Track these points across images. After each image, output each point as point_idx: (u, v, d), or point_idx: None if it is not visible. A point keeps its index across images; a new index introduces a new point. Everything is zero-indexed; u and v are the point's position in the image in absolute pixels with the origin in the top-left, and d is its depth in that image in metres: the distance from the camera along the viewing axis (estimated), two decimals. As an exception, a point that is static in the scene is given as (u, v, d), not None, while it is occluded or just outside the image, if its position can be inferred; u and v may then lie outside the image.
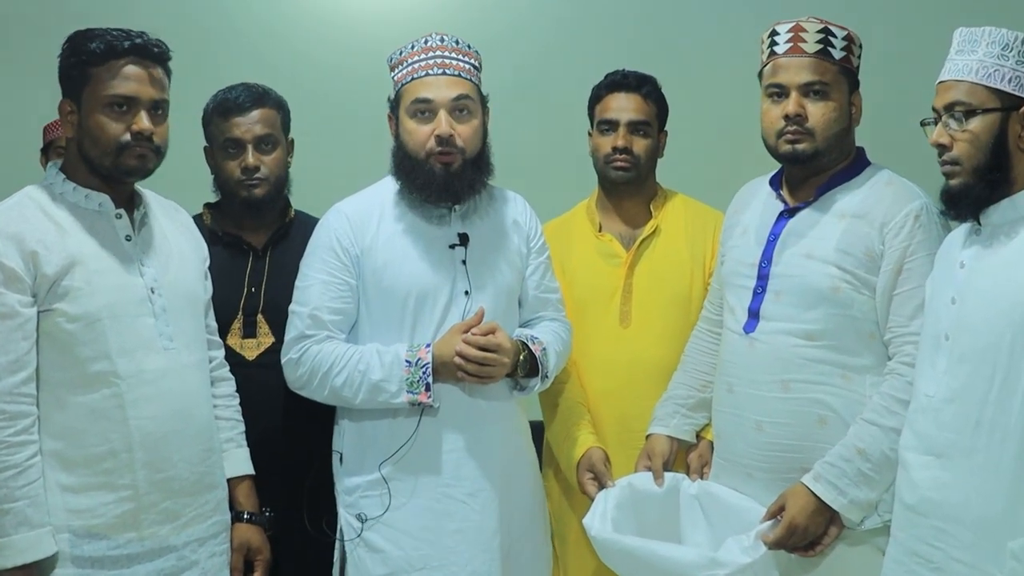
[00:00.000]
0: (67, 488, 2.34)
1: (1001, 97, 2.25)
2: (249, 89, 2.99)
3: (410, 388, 2.66)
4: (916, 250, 2.55)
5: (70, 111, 2.41)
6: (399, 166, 2.79)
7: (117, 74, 2.37)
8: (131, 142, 2.38)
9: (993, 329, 2.21)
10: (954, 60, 2.32)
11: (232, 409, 2.74)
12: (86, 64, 2.37)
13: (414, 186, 2.75)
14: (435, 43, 2.76)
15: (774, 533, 2.52)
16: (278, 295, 2.88)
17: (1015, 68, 2.25)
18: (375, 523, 2.72)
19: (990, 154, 2.26)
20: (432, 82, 2.72)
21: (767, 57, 2.72)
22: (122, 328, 2.38)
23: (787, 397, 2.63)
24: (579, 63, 4.17)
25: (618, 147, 3.09)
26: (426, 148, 2.71)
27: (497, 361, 2.66)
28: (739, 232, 2.85)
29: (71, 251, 2.34)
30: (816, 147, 2.65)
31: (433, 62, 2.74)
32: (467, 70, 2.77)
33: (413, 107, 2.73)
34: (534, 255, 2.93)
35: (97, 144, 2.39)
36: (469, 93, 2.75)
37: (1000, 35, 2.27)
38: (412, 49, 2.77)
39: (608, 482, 2.86)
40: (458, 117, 2.73)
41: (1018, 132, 2.25)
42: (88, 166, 2.42)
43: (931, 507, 2.29)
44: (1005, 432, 2.17)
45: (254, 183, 2.94)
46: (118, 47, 2.37)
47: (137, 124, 2.38)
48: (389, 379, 2.66)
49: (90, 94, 2.38)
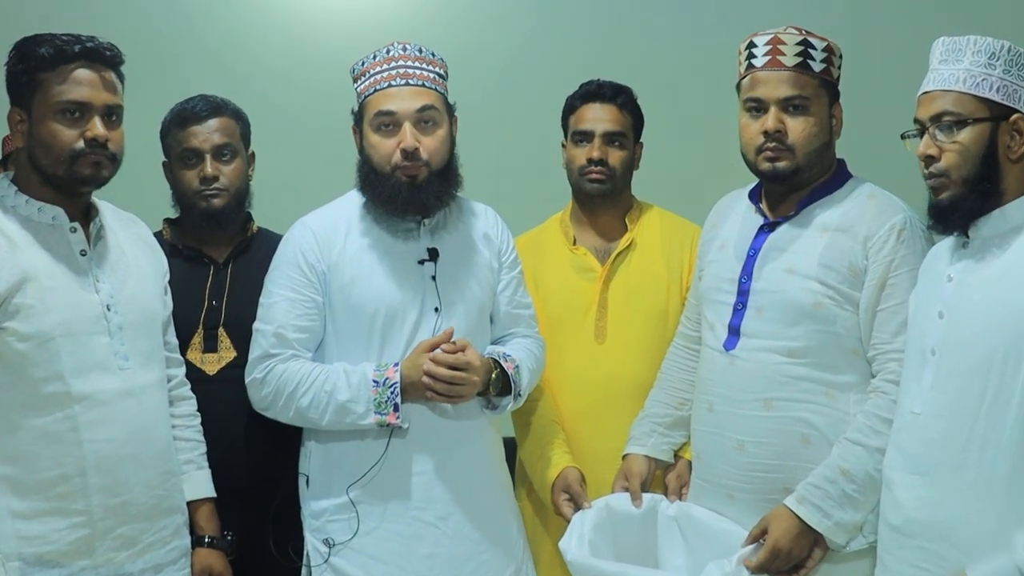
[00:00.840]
0: (18, 514, 2.28)
1: (990, 107, 2.23)
2: (207, 99, 2.96)
3: (378, 409, 2.60)
4: (900, 265, 2.52)
5: (19, 120, 2.34)
6: (364, 180, 2.75)
7: (68, 79, 2.31)
8: (85, 149, 2.31)
9: (985, 343, 2.18)
10: (938, 70, 2.29)
11: (192, 429, 2.68)
12: (35, 70, 2.30)
13: (380, 200, 2.71)
14: (397, 52, 2.72)
15: (757, 557, 2.48)
16: (240, 309, 2.84)
17: (1002, 77, 2.23)
18: (343, 548, 2.66)
19: (980, 165, 2.23)
20: (395, 93, 2.68)
21: (745, 69, 2.69)
22: (76, 347, 2.31)
23: (769, 416, 2.59)
24: (551, 72, 4.17)
25: (593, 159, 3.06)
26: (391, 162, 2.67)
27: (467, 380, 2.60)
28: (717, 246, 2.81)
29: (23, 267, 2.27)
30: (796, 164, 2.62)
31: (395, 72, 2.69)
32: (431, 79, 2.72)
33: (377, 120, 2.68)
34: (506, 270, 2.88)
35: (49, 153, 2.31)
36: (433, 103, 2.70)
37: (986, 44, 2.25)
38: (374, 59, 2.73)
39: (584, 503, 2.80)
40: (423, 128, 2.68)
41: (1007, 142, 2.23)
42: (40, 176, 2.34)
43: (917, 527, 2.26)
44: (998, 448, 2.14)
45: (212, 193, 2.90)
46: (68, 51, 2.31)
47: (91, 130, 2.31)
48: (356, 400, 2.60)
49: (41, 101, 2.31)
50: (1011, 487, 2.12)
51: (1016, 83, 2.24)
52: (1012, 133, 2.23)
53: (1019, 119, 2.23)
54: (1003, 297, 2.18)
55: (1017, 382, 2.13)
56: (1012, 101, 2.23)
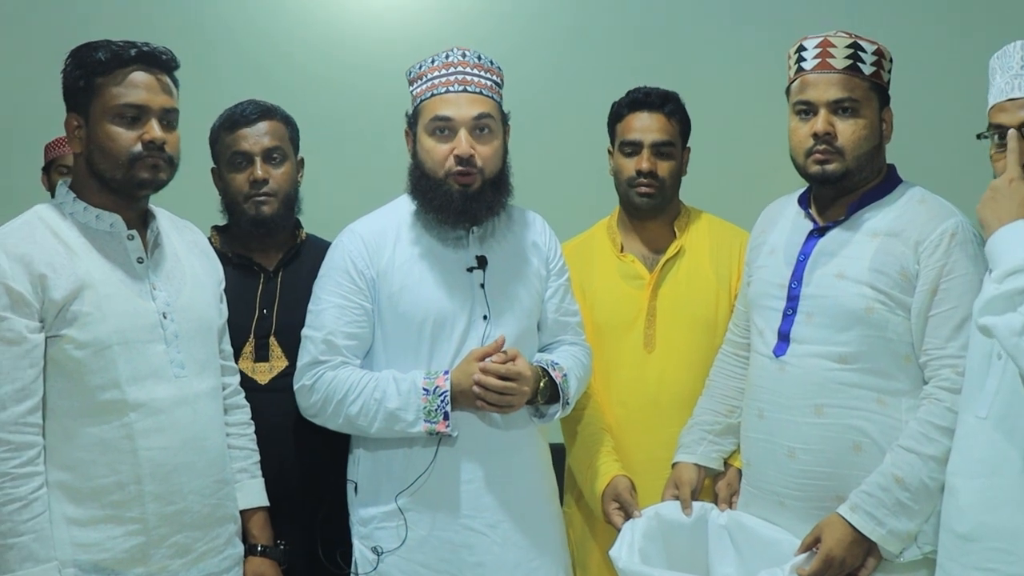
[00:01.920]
0: (74, 521, 2.28)
1: None
2: (256, 103, 2.97)
3: (428, 417, 2.60)
4: (952, 269, 2.49)
5: (77, 126, 2.36)
6: (416, 185, 2.74)
7: (125, 82, 2.32)
8: (143, 152, 2.33)
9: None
10: (1022, 76, 2.26)
11: (246, 438, 2.68)
12: (92, 75, 2.32)
13: (431, 207, 2.70)
14: (456, 58, 2.72)
15: (810, 566, 2.46)
16: (291, 317, 2.84)
17: None
18: (391, 556, 2.67)
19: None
20: (452, 99, 2.67)
21: (795, 73, 2.68)
22: (132, 355, 2.32)
23: (820, 423, 2.57)
24: (596, 76, 4.18)
25: (642, 170, 3.04)
26: (444, 167, 2.67)
27: (517, 390, 2.61)
28: (767, 252, 2.80)
29: (81, 274, 2.28)
30: (846, 167, 2.60)
31: (454, 78, 2.69)
32: (489, 87, 2.72)
33: (432, 124, 2.68)
34: (554, 277, 2.88)
35: (108, 156, 2.33)
36: (490, 112, 2.70)
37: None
38: (432, 64, 2.73)
39: (635, 512, 2.80)
40: (478, 136, 2.68)
41: None
42: (99, 182, 2.36)
43: (986, 531, 2.25)
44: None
45: (262, 198, 2.89)
46: (124, 55, 2.33)
47: (148, 133, 2.33)
48: (406, 408, 2.61)
49: (98, 105, 2.33)
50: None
51: None
52: None
53: None
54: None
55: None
56: None
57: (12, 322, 2.21)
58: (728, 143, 4.17)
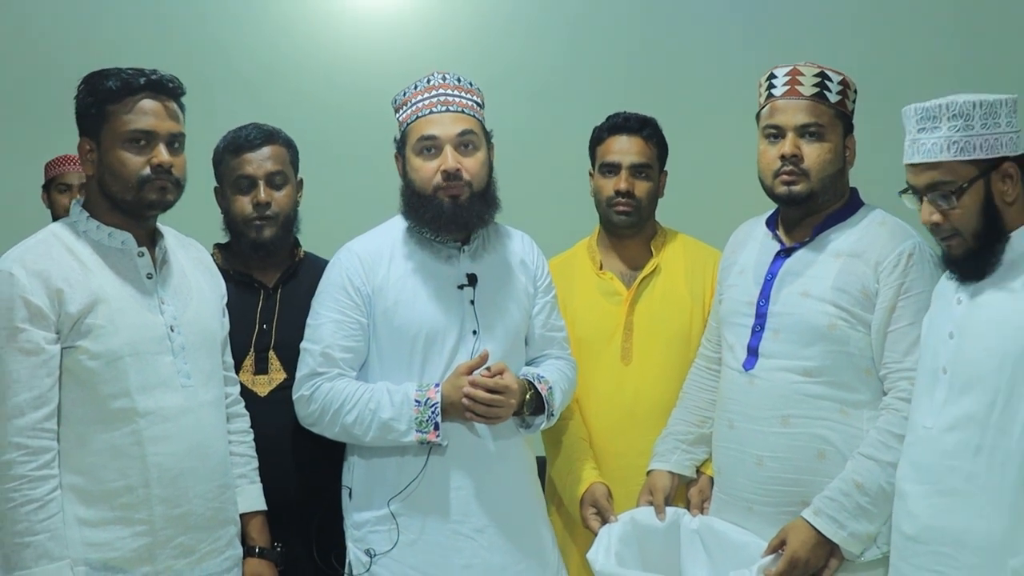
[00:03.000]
0: (85, 522, 2.37)
1: (978, 164, 2.33)
2: (260, 128, 3.04)
3: (419, 427, 2.70)
4: (909, 288, 2.61)
5: (89, 149, 2.46)
6: (408, 203, 2.84)
7: (134, 109, 2.42)
8: (151, 175, 2.43)
9: (994, 360, 2.29)
10: (920, 140, 2.38)
11: (246, 445, 2.77)
12: (103, 102, 2.42)
13: (424, 221, 2.80)
14: (437, 82, 2.83)
15: (776, 567, 2.57)
16: (289, 332, 2.92)
17: (982, 133, 2.32)
18: (383, 558, 2.76)
19: (983, 217, 2.34)
20: (437, 119, 2.78)
21: (764, 99, 2.79)
22: (142, 366, 2.42)
23: (787, 432, 2.69)
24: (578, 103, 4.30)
25: (621, 190, 3.14)
26: (434, 183, 2.77)
27: (504, 403, 2.70)
28: (736, 271, 2.91)
29: (94, 289, 2.38)
30: (811, 188, 2.71)
31: (436, 100, 2.80)
32: (470, 106, 2.83)
33: (419, 144, 2.78)
34: (541, 294, 2.97)
35: (118, 179, 2.43)
36: (473, 128, 2.80)
37: (958, 107, 2.32)
38: (415, 89, 2.84)
39: (611, 517, 2.90)
40: (463, 151, 2.78)
41: (1001, 188, 2.34)
42: (110, 202, 2.46)
43: (932, 534, 2.37)
44: (1006, 454, 2.26)
45: (263, 222, 2.97)
46: (134, 83, 2.43)
47: (157, 157, 2.43)
48: (399, 418, 2.70)
49: (109, 131, 2.43)
50: (1018, 491, 2.25)
51: (995, 133, 2.32)
52: (1004, 179, 2.34)
53: (1008, 166, 2.33)
54: (1009, 317, 2.30)
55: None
56: (996, 151, 2.33)
57: (31, 334, 2.31)
58: (702, 168, 4.29)
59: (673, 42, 4.80)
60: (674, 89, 4.60)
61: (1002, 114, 2.33)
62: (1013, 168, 2.34)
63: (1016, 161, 2.35)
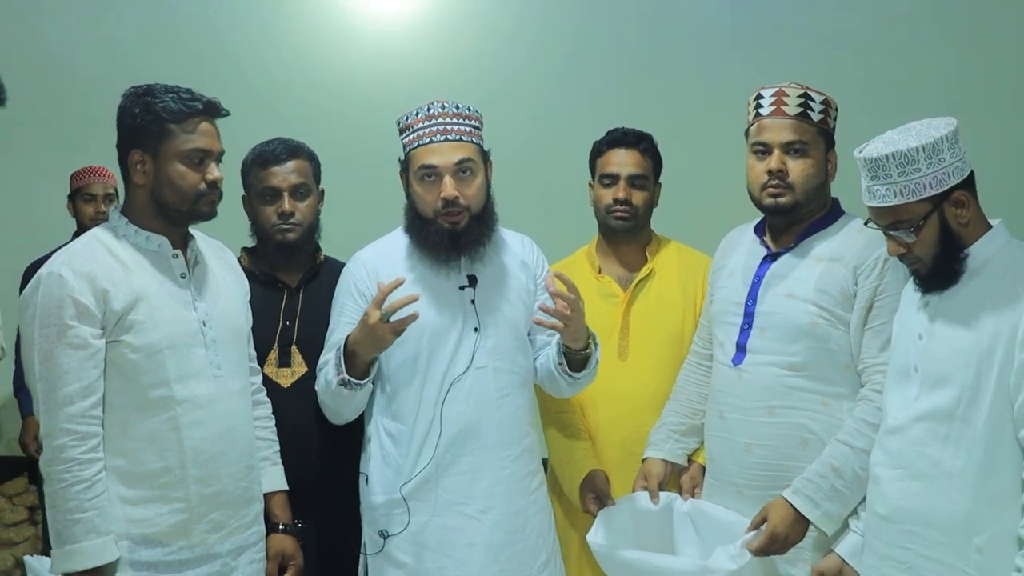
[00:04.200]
0: (127, 500, 2.55)
1: (932, 199, 2.46)
2: (285, 143, 3.21)
3: (337, 368, 2.85)
4: (885, 290, 2.77)
5: (140, 161, 2.61)
6: (411, 224, 3.02)
7: (196, 130, 2.60)
8: (207, 190, 2.63)
9: (960, 358, 2.45)
10: (874, 188, 2.50)
11: (268, 430, 2.94)
12: (164, 120, 2.58)
13: (425, 245, 2.98)
14: (437, 111, 2.96)
15: (757, 541, 2.74)
16: (311, 328, 3.10)
17: (928, 172, 2.43)
18: (395, 538, 2.94)
19: (943, 242, 2.49)
20: (436, 149, 2.93)
21: (753, 118, 2.95)
22: (179, 358, 2.59)
23: (773, 422, 2.85)
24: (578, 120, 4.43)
25: (619, 199, 3.30)
26: (434, 209, 2.94)
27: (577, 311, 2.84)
28: (726, 274, 3.07)
29: (135, 288, 2.56)
30: (796, 200, 2.87)
31: (436, 129, 2.94)
32: (468, 132, 2.97)
33: (420, 172, 2.94)
34: (541, 291, 3.12)
35: (177, 191, 2.61)
36: (471, 155, 2.95)
37: (902, 154, 2.43)
38: (416, 116, 2.98)
39: (609, 501, 3.07)
40: (461, 179, 2.93)
41: (955, 213, 2.48)
42: (158, 209, 2.63)
43: (903, 514, 2.53)
44: (971, 443, 2.43)
45: (288, 228, 3.14)
46: (194, 106, 2.61)
47: (211, 174, 2.62)
48: (329, 369, 2.90)
49: (170, 148, 2.59)
50: (981, 475, 2.42)
51: (941, 169, 2.44)
52: (955, 206, 2.48)
53: (958, 194, 2.47)
54: (972, 319, 2.46)
55: (988, 388, 2.41)
56: (944, 184, 2.45)
57: (79, 330, 2.48)
58: (694, 179, 4.43)
59: (667, 63, 5.02)
60: (668, 107, 4.80)
61: (944, 149, 2.44)
62: (963, 195, 2.48)
63: (964, 182, 2.49)
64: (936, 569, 2.48)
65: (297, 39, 5.11)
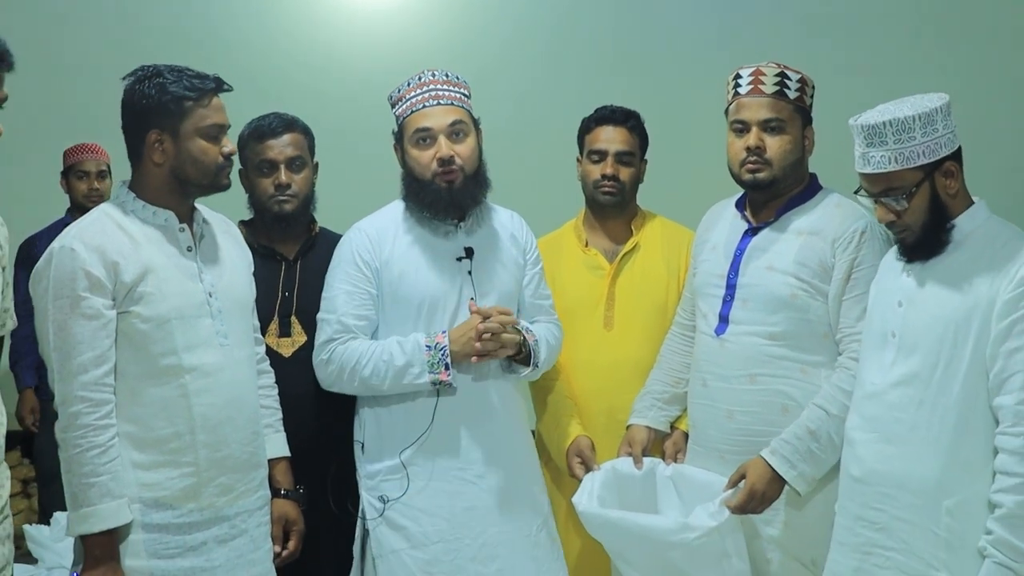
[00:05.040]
0: (139, 465, 2.62)
1: (924, 168, 2.55)
2: (280, 117, 3.29)
3: (431, 369, 2.94)
4: (862, 262, 2.88)
5: (158, 140, 2.67)
6: (408, 189, 3.10)
7: (211, 106, 2.68)
8: (225, 163, 2.72)
9: (937, 326, 2.55)
10: (869, 154, 2.57)
11: (272, 398, 3.01)
12: (182, 100, 2.64)
13: (424, 205, 3.06)
14: (428, 78, 3.07)
15: (736, 498, 2.83)
16: (309, 298, 3.17)
17: (923, 141, 2.52)
18: (395, 503, 3.01)
19: (931, 211, 2.57)
20: (430, 112, 3.03)
21: (731, 97, 3.04)
22: (187, 328, 2.66)
23: (754, 389, 2.96)
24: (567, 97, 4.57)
25: (607, 174, 3.40)
26: (431, 170, 3.02)
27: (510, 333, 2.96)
28: (709, 248, 3.17)
29: (144, 261, 2.63)
30: (773, 175, 2.97)
31: (429, 95, 3.05)
32: (458, 98, 3.07)
33: (415, 136, 3.04)
34: (530, 266, 3.23)
35: (200, 166, 2.68)
36: (462, 118, 3.05)
37: (899, 121, 2.51)
38: (408, 86, 3.08)
39: (594, 466, 3.16)
40: (455, 140, 3.03)
41: (944, 183, 2.57)
42: (176, 185, 2.70)
43: (877, 477, 2.63)
44: (945, 409, 2.53)
45: (285, 199, 3.23)
46: (208, 84, 2.68)
47: (228, 147, 2.71)
48: (413, 363, 2.95)
49: (189, 124, 2.65)
50: (954, 441, 2.51)
51: (934, 139, 2.52)
52: (945, 176, 2.56)
53: (948, 164, 2.56)
54: (952, 289, 2.55)
55: (964, 357, 2.50)
56: (937, 154, 2.54)
57: (92, 301, 2.55)
58: (678, 156, 4.52)
59: (650, 43, 5.15)
60: (652, 85, 4.91)
61: (938, 120, 2.52)
62: (953, 165, 2.56)
63: (953, 155, 2.58)
64: (907, 530, 2.57)
65: (285, 19, 5.18)
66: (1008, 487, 2.44)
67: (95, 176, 4.69)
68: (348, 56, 5.10)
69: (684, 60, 5.11)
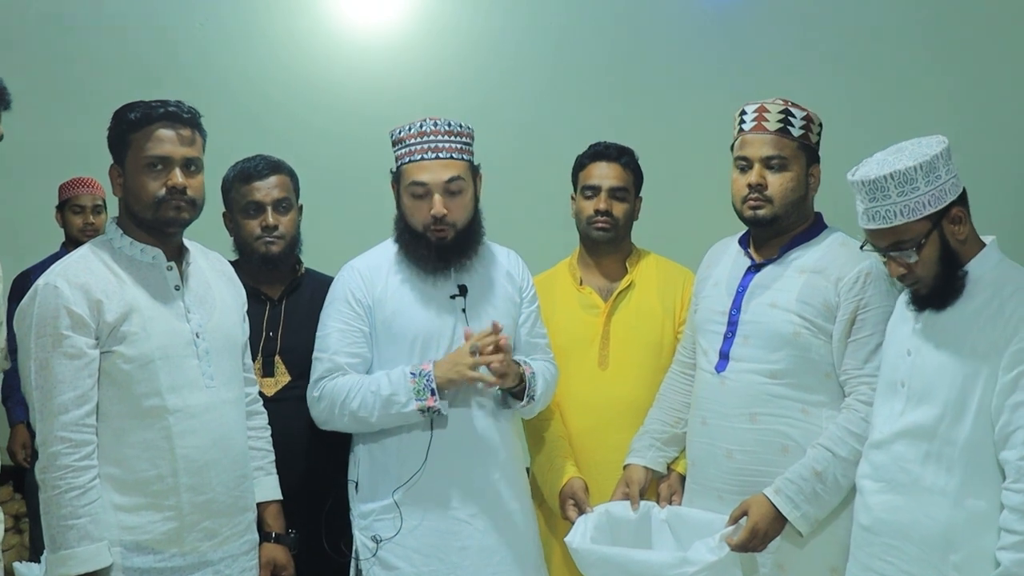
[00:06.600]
0: (120, 507, 2.58)
1: (931, 217, 2.51)
2: (266, 159, 3.29)
3: (418, 396, 2.91)
4: (867, 303, 2.84)
5: (118, 175, 2.67)
6: (400, 235, 3.10)
7: (151, 137, 2.63)
8: (167, 196, 2.63)
9: (945, 377, 2.52)
10: (874, 209, 2.54)
11: (263, 440, 2.97)
12: (126, 132, 2.64)
13: (414, 257, 3.06)
14: (429, 127, 3.03)
15: (738, 536, 2.78)
16: (293, 339, 3.17)
17: (927, 191, 2.48)
18: (388, 543, 2.98)
19: (942, 261, 2.53)
20: (427, 166, 3.01)
21: (736, 133, 3.02)
22: (171, 368, 2.63)
23: (754, 428, 2.91)
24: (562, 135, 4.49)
25: (600, 210, 3.38)
26: (423, 223, 3.02)
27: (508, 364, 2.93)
28: (711, 284, 3.13)
29: (129, 300, 2.59)
30: (775, 212, 2.94)
31: (427, 146, 3.02)
32: (458, 149, 3.04)
33: (410, 188, 3.02)
34: (526, 304, 3.21)
35: (139, 201, 2.65)
36: (460, 174, 3.02)
37: (901, 174, 2.48)
38: (409, 131, 3.05)
39: (587, 508, 3.11)
40: (450, 197, 3.01)
41: (952, 230, 2.53)
42: (135, 221, 2.67)
43: (883, 527, 2.60)
44: (951, 462, 2.49)
45: (272, 240, 3.21)
46: (152, 114, 2.64)
47: (171, 180, 2.63)
48: (398, 392, 2.92)
49: (131, 157, 2.65)
50: (960, 494, 2.48)
51: (938, 185, 2.49)
52: (953, 222, 2.52)
53: (956, 211, 2.52)
54: (960, 338, 2.52)
55: (971, 408, 2.48)
56: (942, 201, 2.50)
57: (74, 340, 2.52)
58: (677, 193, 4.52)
59: (649, 79, 5.10)
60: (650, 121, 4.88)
61: (940, 166, 2.49)
62: (960, 211, 2.52)
63: (959, 199, 2.54)
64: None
65: (283, 52, 5.16)
66: (1008, 544, 2.42)
67: (90, 210, 4.66)
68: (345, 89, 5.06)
69: (684, 94, 5.06)
